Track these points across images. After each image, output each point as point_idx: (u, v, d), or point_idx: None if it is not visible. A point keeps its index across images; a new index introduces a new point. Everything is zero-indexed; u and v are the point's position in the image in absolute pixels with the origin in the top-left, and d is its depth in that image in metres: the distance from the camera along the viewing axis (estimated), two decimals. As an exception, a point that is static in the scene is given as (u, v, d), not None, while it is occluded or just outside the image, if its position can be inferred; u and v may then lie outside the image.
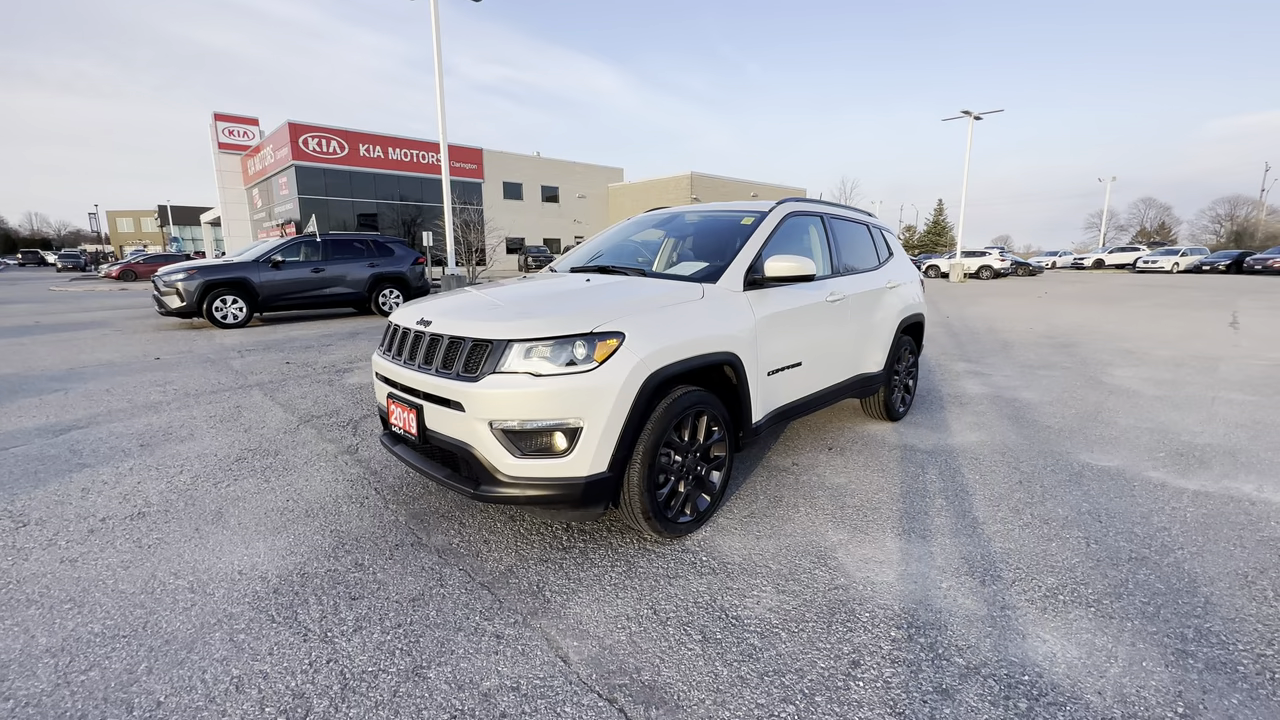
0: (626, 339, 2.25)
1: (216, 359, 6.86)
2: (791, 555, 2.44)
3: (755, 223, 3.20)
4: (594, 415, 2.18)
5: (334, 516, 2.77)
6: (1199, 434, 4.09)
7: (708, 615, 2.02)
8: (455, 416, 2.27)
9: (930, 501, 2.98)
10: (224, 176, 35.70)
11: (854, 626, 1.96)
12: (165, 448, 3.74)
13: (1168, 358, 7.09)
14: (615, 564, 2.36)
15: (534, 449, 2.22)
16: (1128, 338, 8.63)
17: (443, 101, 13.81)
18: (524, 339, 2.20)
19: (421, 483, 3.17)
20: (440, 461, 2.48)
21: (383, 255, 11.43)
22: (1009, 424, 4.36)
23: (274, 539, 2.55)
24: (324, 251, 10.82)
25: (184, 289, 9.33)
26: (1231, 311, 12.28)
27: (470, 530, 2.64)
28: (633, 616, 2.01)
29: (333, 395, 5.12)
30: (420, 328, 2.49)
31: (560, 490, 2.21)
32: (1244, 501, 2.98)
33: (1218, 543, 2.55)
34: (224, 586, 2.18)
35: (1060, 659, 1.80)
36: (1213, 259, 32.27)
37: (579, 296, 2.60)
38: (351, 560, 2.37)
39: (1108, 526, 2.70)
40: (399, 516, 2.77)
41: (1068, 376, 6.03)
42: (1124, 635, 1.92)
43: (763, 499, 3.01)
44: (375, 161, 31.62)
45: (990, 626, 1.97)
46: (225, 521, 2.72)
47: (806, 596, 2.14)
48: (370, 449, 3.72)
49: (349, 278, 10.98)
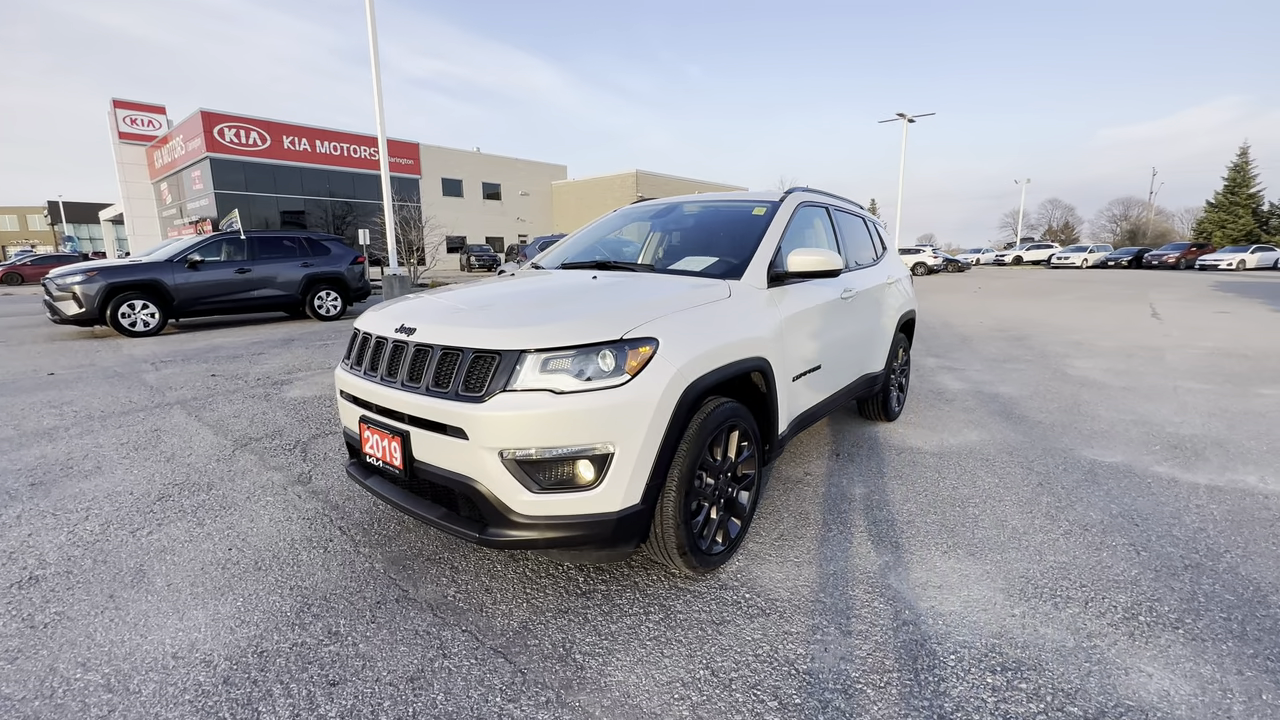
0: (660, 346, 1.91)
1: (126, 373, 5.97)
2: (841, 584, 2.17)
3: (769, 214, 2.91)
4: (627, 438, 1.82)
5: (292, 568, 2.28)
6: (1180, 425, 4.14)
7: (775, 672, 1.71)
8: (454, 445, 1.85)
9: (963, 510, 2.79)
10: (127, 169, 32.50)
11: (944, 674, 1.70)
12: (64, 486, 3.08)
13: (1115, 348, 7.39)
14: (649, 610, 2.01)
15: (554, 482, 1.83)
16: (1071, 330, 9.00)
17: (380, 92, 12.92)
18: (541, 348, 1.81)
19: (396, 516, 2.70)
20: (431, 499, 2.04)
21: (318, 254, 10.50)
22: (1001, 420, 4.29)
23: (217, 604, 2.04)
24: (249, 250, 9.82)
25: (82, 293, 8.19)
26: (1149, 303, 13.18)
27: (465, 576, 2.22)
28: (689, 681, 1.67)
29: (272, 412, 4.48)
30: (401, 336, 2.05)
31: (587, 530, 1.84)
32: (1257, 495, 2.95)
33: (1257, 542, 2.47)
34: (154, 679, 1.68)
35: (1177, 698, 1.60)
36: (1116, 255, 35.09)
37: (595, 296, 2.22)
38: (323, 628, 1.90)
39: (1146, 530, 2.58)
40: (374, 563, 2.31)
41: (1034, 370, 6.12)
42: (1225, 662, 1.75)
43: (788, 517, 2.73)
44: (302, 155, 29.60)
45: (1086, 661, 1.75)
46: (149, 583, 2.17)
47: (877, 638, 1.86)
48: (327, 476, 3.19)
49: (279, 279, 10.01)
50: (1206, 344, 7.61)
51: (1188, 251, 32.21)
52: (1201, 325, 9.36)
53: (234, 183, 27.66)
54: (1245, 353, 6.92)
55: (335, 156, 30.85)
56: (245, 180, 27.95)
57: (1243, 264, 28.48)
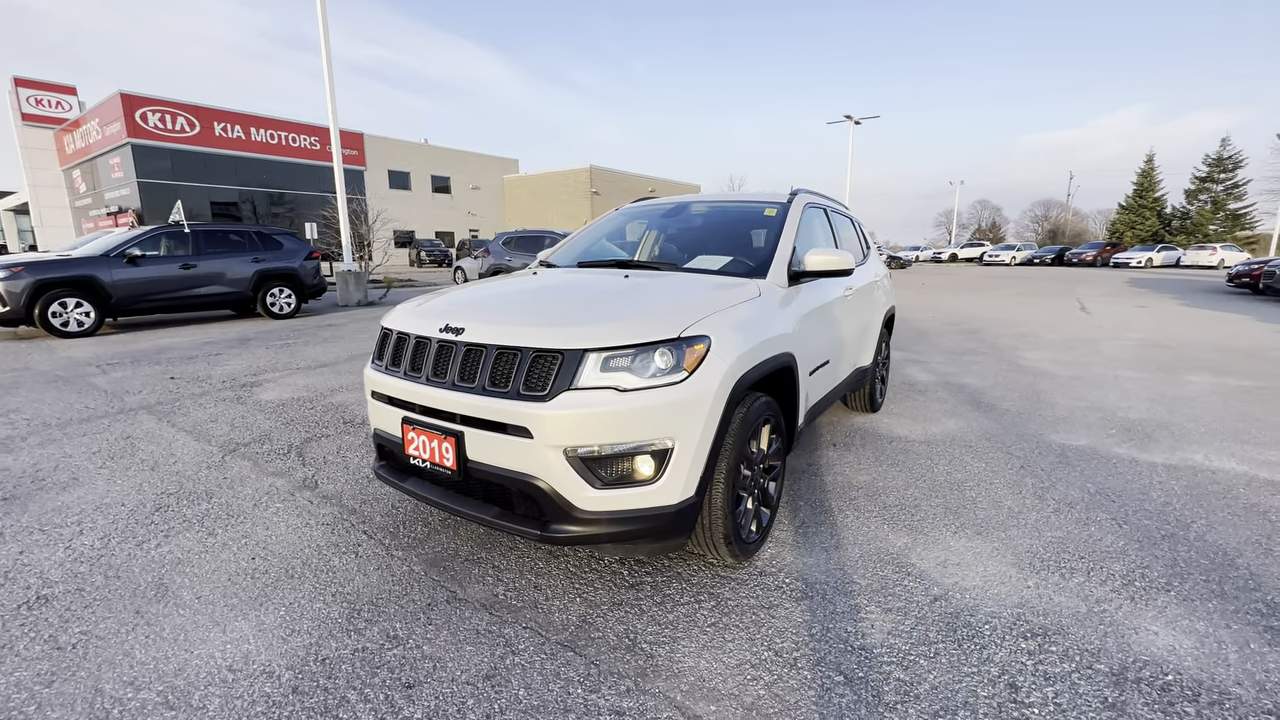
0: (713, 343, 1.98)
1: (70, 377, 5.54)
2: (870, 566, 2.31)
3: (781, 214, 3.03)
4: (686, 433, 1.89)
5: (327, 574, 2.22)
6: (1127, 410, 4.55)
7: (833, 649, 1.82)
8: (515, 444, 1.86)
9: (961, 494, 3.00)
10: (32, 154, 29.72)
11: (984, 643, 1.85)
12: (42, 499, 2.86)
13: (1057, 340, 7.98)
14: (699, 599, 2.08)
15: (616, 477, 1.88)
16: (1015, 323, 9.64)
17: (331, 78, 12.36)
18: (603, 347, 1.85)
19: (421, 517, 2.66)
20: (482, 498, 2.04)
21: (269, 249, 9.98)
22: (974, 409, 4.59)
23: (258, 614, 1.98)
24: (194, 245, 9.24)
25: (6, 290, 7.51)
26: (1076, 299, 14.24)
27: (509, 574, 2.23)
28: (756, 663, 1.76)
29: (252, 416, 4.28)
30: (448, 336, 2.04)
31: (647, 523, 1.89)
32: (1206, 471, 3.30)
33: (1216, 513, 2.78)
34: (216, 694, 1.62)
35: (1182, 652, 1.81)
36: (1041, 253, 37.62)
37: (640, 296, 2.26)
38: (380, 632, 1.88)
39: (1122, 506, 2.86)
40: (412, 565, 2.28)
41: (991, 361, 6.55)
42: (1215, 618, 1.98)
43: (804, 506, 2.86)
44: (235, 143, 27.85)
45: (1100, 624, 1.95)
46: (175, 596, 2.08)
47: (915, 613, 2.01)
48: (334, 481, 3.10)
49: (228, 275, 9.47)
50: (1134, 335, 8.33)
51: (1103, 250, 34.87)
52: (1125, 318, 10.22)
53: (159, 171, 25.74)
54: (1168, 343, 7.62)
55: (272, 145, 29.19)
56: (172, 168, 26.05)
57: (1150, 261, 31.09)
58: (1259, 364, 6.32)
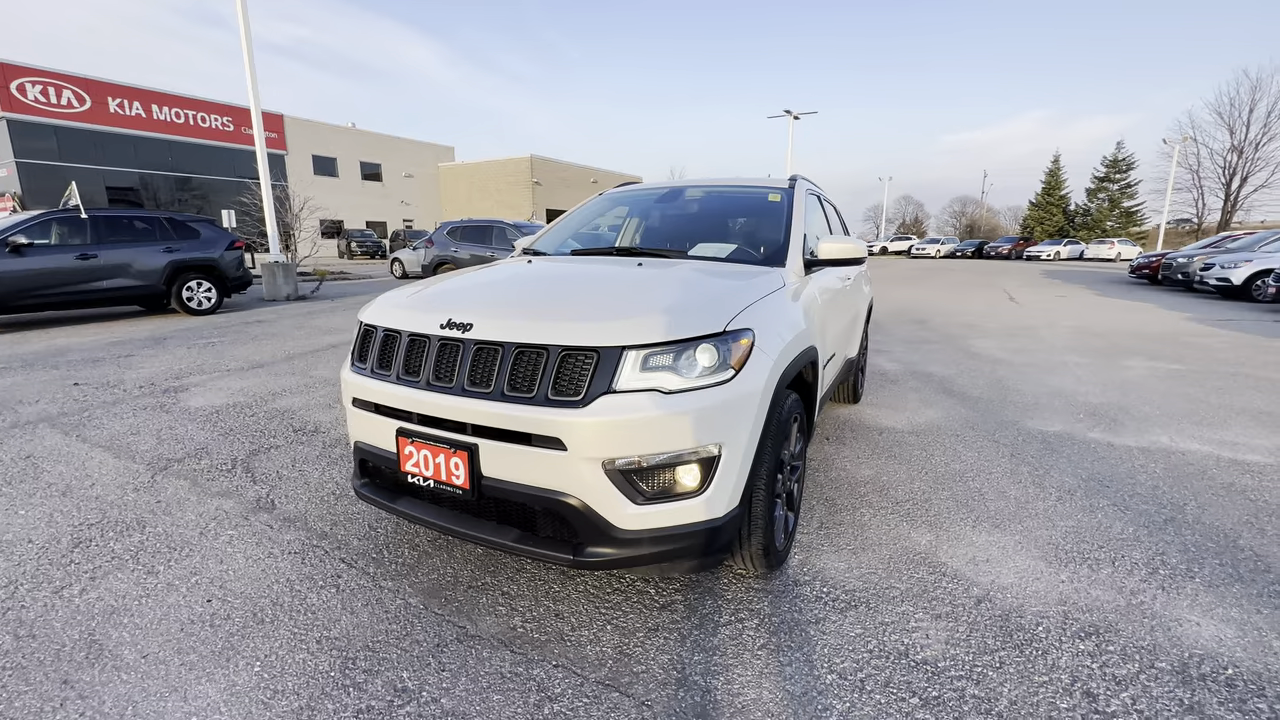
0: (756, 337, 1.79)
1: (-56, 386, 4.71)
2: (904, 568, 2.21)
3: (786, 201, 2.88)
4: (733, 438, 1.70)
5: (305, 615, 1.89)
6: (1086, 395, 4.74)
7: (895, 666, 1.69)
8: (543, 457, 1.61)
9: (965, 485, 2.97)
10: (-122, 128, 25.76)
11: (1044, 647, 1.77)
12: (-82, 540, 2.33)
13: (999, 329, 8.36)
14: (740, 617, 1.90)
15: (658, 491, 1.67)
16: (956, 313, 10.06)
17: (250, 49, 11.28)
18: (643, 344, 1.62)
19: (407, 538, 2.34)
20: (498, 520, 1.78)
21: (184, 237, 9.00)
22: (947, 398, 4.66)
23: (226, 673, 1.63)
24: (94, 232, 8.18)
25: None
26: (1003, 289, 15.11)
27: (523, 601, 1.97)
28: (822, 689, 1.60)
29: (181, 427, 3.75)
30: (452, 333, 1.75)
31: (690, 540, 1.69)
32: (1177, 453, 3.44)
33: (1201, 494, 2.87)
34: (187, 785, 1.29)
35: (1228, 640, 1.80)
36: (963, 247, 39.95)
37: (668, 285, 2.02)
38: (385, 685, 1.59)
39: (1117, 491, 2.91)
40: (407, 598, 1.98)
41: (947, 350, 6.74)
42: (1244, 603, 1.99)
43: (818, 505, 2.74)
44: (134, 121, 25.19)
45: (1143, 617, 1.92)
46: (114, 656, 1.69)
47: (965, 618, 1.91)
48: (294, 500, 2.71)
49: (135, 267, 8.45)
50: (1067, 323, 8.84)
51: (1017, 244, 37.41)
52: (1052, 308, 10.88)
53: (42, 151, 22.94)
54: (1098, 331, 8.13)
55: (178, 125, 26.61)
56: (58, 148, 23.26)
57: (1058, 255, 33.65)
58: (1179, 348, 6.81)
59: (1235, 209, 35.84)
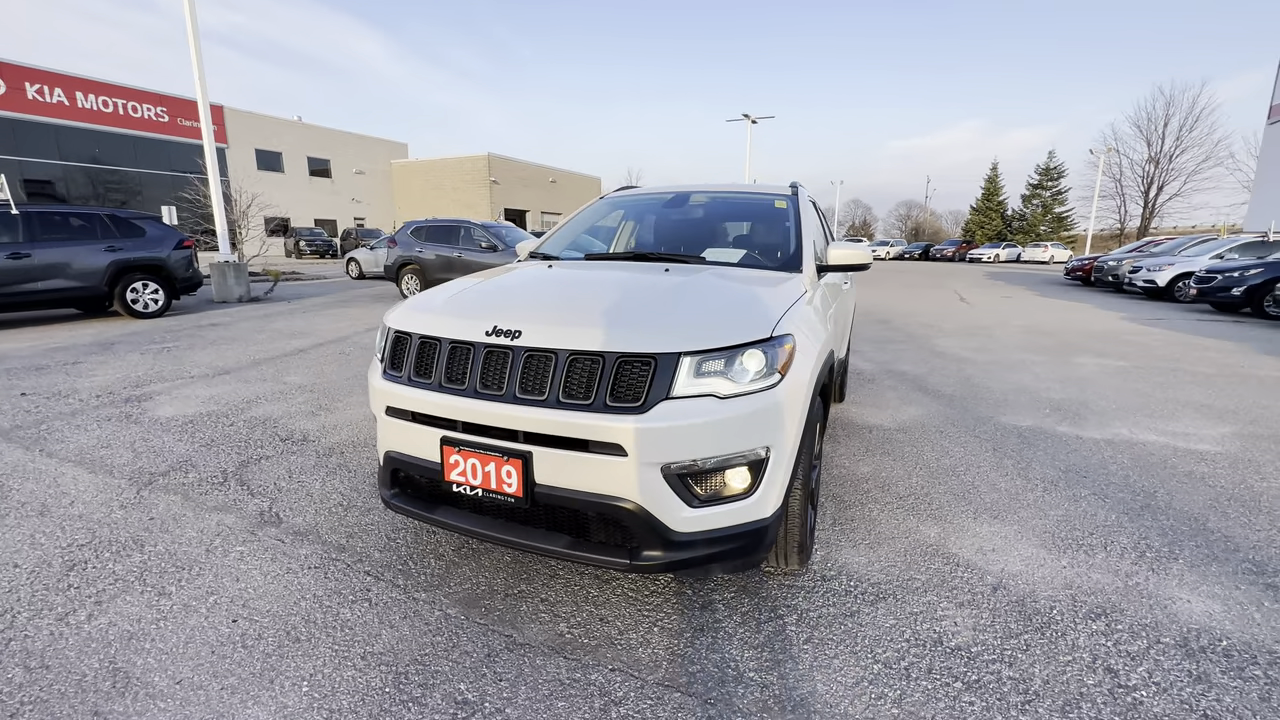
0: (798, 343, 1.85)
1: None
2: (920, 560, 2.32)
3: (792, 207, 2.97)
4: (781, 440, 1.75)
5: (342, 632, 1.83)
6: (1048, 390, 5.06)
7: (934, 653, 1.78)
8: (600, 463, 1.62)
9: (959, 479, 3.13)
10: None
11: (1061, 630, 1.90)
12: (-118, 569, 2.13)
13: (957, 329, 8.79)
14: (779, 614, 1.96)
15: (711, 493, 1.71)
16: (915, 314, 10.50)
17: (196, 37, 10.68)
18: (697, 350, 1.66)
19: (432, 547, 2.30)
20: (547, 526, 1.78)
21: (128, 235, 8.45)
22: (924, 395, 4.88)
23: (272, 695, 1.57)
24: (25, 230, 7.59)
25: None
26: (953, 290, 15.86)
27: (565, 607, 1.97)
28: (873, 679, 1.67)
29: (156, 438, 3.54)
30: (500, 340, 1.74)
31: (740, 540, 1.74)
32: (1139, 444, 3.73)
33: (1167, 483, 3.12)
34: (261, 813, 1.25)
35: (1218, 614, 1.98)
36: (910, 249, 41.68)
37: (706, 292, 2.06)
38: (445, 699, 1.56)
39: (1094, 480, 3.13)
40: (445, 609, 1.95)
41: (914, 349, 7.05)
42: (1223, 579, 2.19)
43: (827, 502, 2.84)
44: (56, 109, 23.44)
45: (1141, 597, 2.08)
46: (145, 684, 1.60)
47: (986, 605, 2.03)
48: (301, 513, 2.61)
49: (73, 267, 7.89)
50: (1017, 323, 9.37)
51: (960, 247, 39.29)
52: (1000, 308, 11.51)
53: (-52, 139, 21.08)
54: (1047, 330, 8.66)
55: (106, 114, 24.91)
56: (-33, 136, 21.44)
57: (998, 257, 35.53)
58: (1120, 345, 7.33)
59: (1153, 215, 38.77)
